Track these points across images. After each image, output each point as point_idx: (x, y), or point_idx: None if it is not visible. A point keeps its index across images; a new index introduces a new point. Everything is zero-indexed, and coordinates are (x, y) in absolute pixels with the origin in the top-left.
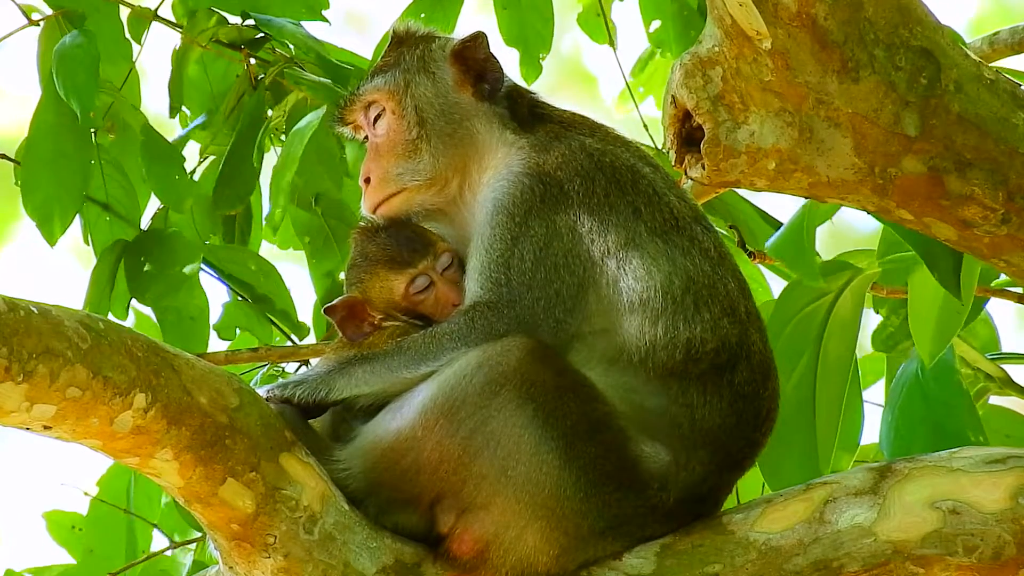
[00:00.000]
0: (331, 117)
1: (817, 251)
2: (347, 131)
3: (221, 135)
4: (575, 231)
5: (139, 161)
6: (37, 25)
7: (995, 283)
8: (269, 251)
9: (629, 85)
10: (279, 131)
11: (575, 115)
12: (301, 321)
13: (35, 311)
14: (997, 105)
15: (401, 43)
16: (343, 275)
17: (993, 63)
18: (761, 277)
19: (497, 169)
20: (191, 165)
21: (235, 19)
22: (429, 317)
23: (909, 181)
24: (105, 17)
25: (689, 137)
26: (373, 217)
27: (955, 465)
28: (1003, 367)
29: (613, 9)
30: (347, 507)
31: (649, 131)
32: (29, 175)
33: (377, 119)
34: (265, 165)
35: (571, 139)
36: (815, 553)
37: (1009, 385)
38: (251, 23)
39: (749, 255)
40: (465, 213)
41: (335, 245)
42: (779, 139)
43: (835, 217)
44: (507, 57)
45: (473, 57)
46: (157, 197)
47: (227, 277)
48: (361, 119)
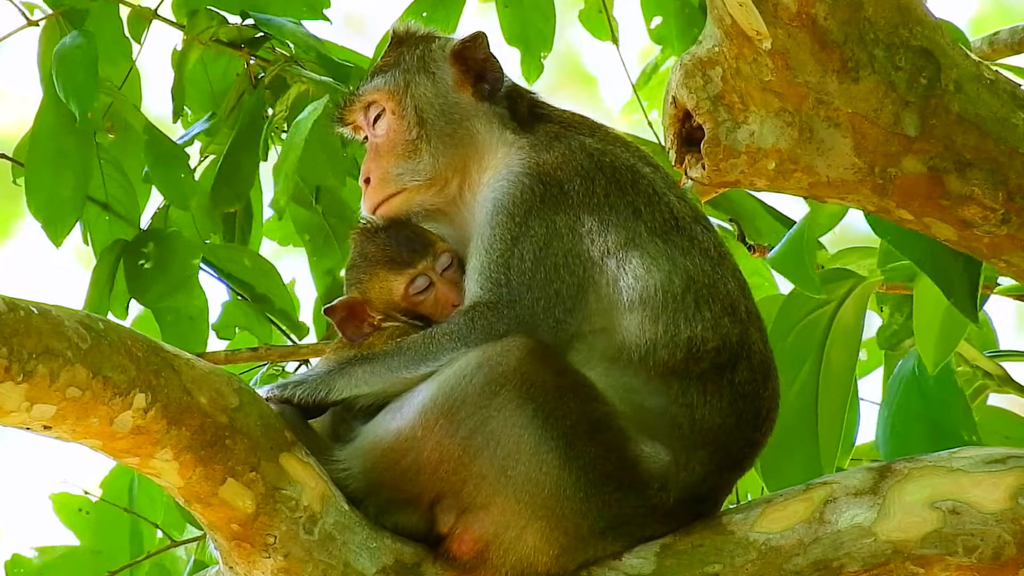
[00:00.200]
0: (331, 117)
1: (824, 245)
2: (347, 131)
3: (221, 134)
4: (575, 231)
5: (139, 160)
6: (37, 25)
7: (998, 290)
8: (269, 249)
9: (633, 86)
10: (280, 129)
11: (575, 115)
12: (301, 321)
13: (35, 311)
14: (997, 105)
15: (401, 43)
16: (343, 273)
17: (993, 63)
18: (766, 271)
19: (497, 169)
20: (191, 164)
21: (235, 18)
22: (429, 317)
23: (909, 181)
24: (105, 17)
25: (689, 137)
26: (373, 217)
27: (955, 465)
28: (1002, 365)
29: (614, 6)
30: (347, 507)
31: (653, 128)
32: (32, 176)
33: (377, 119)
34: (265, 166)
35: (571, 139)
36: (815, 553)
37: (1008, 383)
38: (251, 22)
39: (749, 249)
40: (465, 213)
41: (335, 243)
42: (779, 139)
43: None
44: (507, 57)
45: (473, 57)
46: (163, 196)
47: (226, 276)
48: (361, 119)
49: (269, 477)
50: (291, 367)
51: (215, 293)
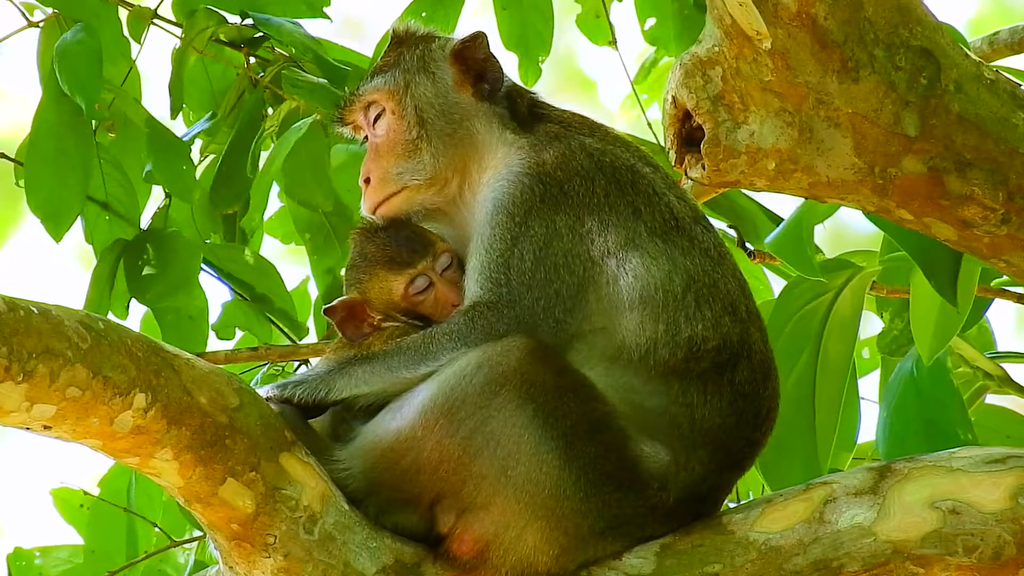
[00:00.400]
0: (331, 117)
1: (820, 248)
2: (347, 131)
3: (221, 134)
4: (575, 231)
5: (139, 160)
6: (37, 25)
7: (995, 283)
8: (270, 249)
9: (633, 86)
10: (271, 142)
11: (575, 115)
12: (300, 321)
13: (35, 311)
14: (997, 105)
15: (401, 43)
16: (343, 273)
17: (993, 63)
18: (763, 275)
19: (497, 169)
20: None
21: (234, 18)
22: (429, 317)
23: (909, 181)
24: (105, 18)
25: (689, 137)
26: (373, 217)
27: (955, 465)
28: (1002, 365)
29: (611, 10)
30: (347, 507)
31: (653, 129)
32: (32, 174)
33: (377, 119)
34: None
35: (571, 139)
36: (815, 553)
37: (1008, 383)
38: (250, 22)
39: (749, 254)
40: (465, 213)
41: (336, 242)
42: (779, 139)
43: (835, 217)
44: (505, 61)
45: (473, 57)
46: (165, 189)
47: (226, 276)
48: (361, 119)
49: (269, 477)
50: (291, 367)
51: (216, 293)
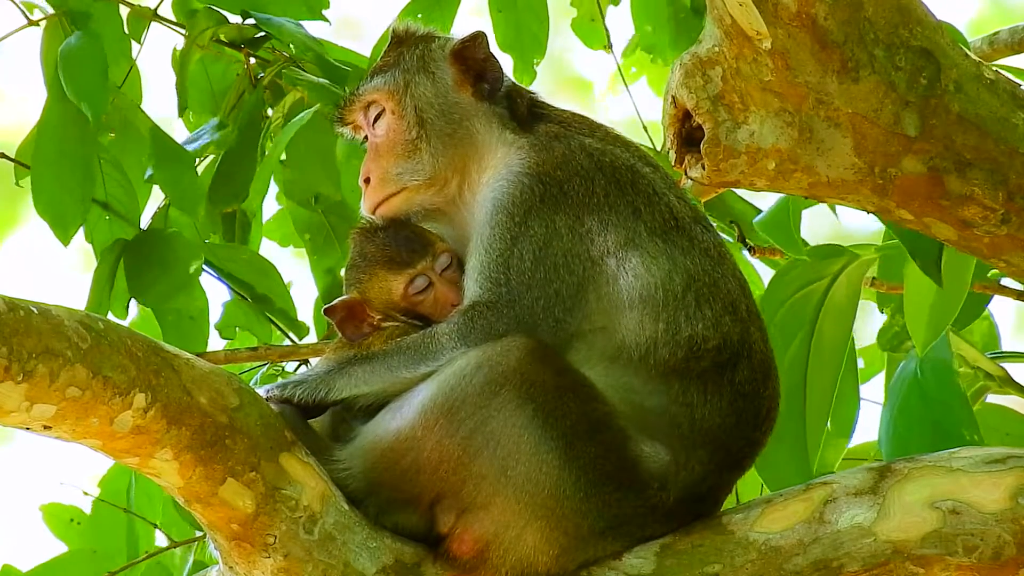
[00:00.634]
0: (331, 117)
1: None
2: (347, 131)
3: (220, 134)
4: (575, 231)
5: (139, 160)
6: (37, 25)
7: (991, 273)
8: (270, 249)
9: (627, 88)
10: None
11: (575, 115)
12: (300, 320)
13: (35, 311)
14: (997, 105)
15: (400, 43)
16: (343, 273)
17: (993, 63)
18: (755, 274)
19: (497, 169)
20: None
21: (235, 18)
22: (428, 317)
23: (909, 181)
24: (105, 18)
25: (689, 137)
26: (372, 217)
27: (955, 465)
28: (1003, 365)
29: (607, 14)
30: (347, 507)
31: (648, 132)
32: (38, 176)
33: (377, 119)
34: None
35: (571, 139)
36: (815, 553)
37: (1009, 384)
38: (251, 22)
39: (749, 250)
40: (465, 213)
41: (336, 242)
42: (779, 139)
43: (836, 218)
44: (501, 62)
45: (473, 57)
46: (169, 199)
47: (227, 276)
48: (361, 119)
49: (269, 477)
50: (291, 367)
51: (216, 293)
